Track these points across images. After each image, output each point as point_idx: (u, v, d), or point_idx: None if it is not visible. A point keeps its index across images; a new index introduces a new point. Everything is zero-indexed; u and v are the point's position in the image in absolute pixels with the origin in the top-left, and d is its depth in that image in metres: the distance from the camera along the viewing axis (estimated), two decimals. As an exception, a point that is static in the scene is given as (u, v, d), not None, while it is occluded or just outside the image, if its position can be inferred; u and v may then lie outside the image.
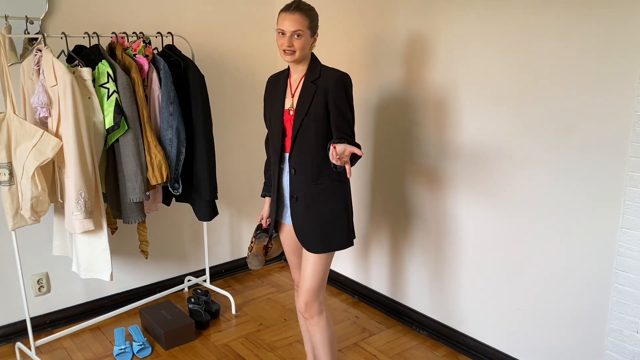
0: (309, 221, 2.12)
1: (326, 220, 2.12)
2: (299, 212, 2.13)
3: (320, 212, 2.12)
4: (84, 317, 3.03)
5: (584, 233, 2.19)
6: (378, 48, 2.92)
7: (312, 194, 2.11)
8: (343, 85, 2.08)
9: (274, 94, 2.18)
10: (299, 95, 2.09)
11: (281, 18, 2.02)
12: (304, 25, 2.00)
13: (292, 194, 2.13)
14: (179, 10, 3.14)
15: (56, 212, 2.71)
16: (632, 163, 2.01)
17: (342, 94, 2.07)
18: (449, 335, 2.81)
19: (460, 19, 2.49)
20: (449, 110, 2.60)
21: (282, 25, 2.01)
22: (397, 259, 3.02)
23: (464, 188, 2.61)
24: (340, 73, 2.10)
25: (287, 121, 2.11)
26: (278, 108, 2.15)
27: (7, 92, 2.35)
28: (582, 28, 2.07)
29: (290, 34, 1.99)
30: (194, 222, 3.27)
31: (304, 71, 2.11)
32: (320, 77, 2.07)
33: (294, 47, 2.01)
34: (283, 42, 2.02)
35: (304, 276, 2.17)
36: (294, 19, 1.99)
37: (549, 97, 2.22)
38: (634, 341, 2.10)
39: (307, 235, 2.13)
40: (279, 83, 2.19)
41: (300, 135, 2.07)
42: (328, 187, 2.12)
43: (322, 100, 2.05)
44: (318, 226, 2.12)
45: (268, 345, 2.84)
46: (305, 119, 2.05)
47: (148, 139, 2.61)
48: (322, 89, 2.05)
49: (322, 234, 2.12)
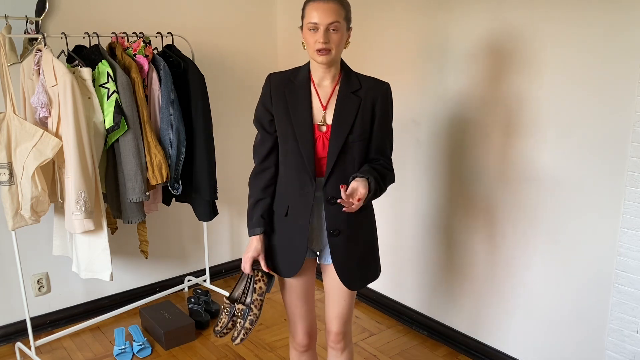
0: (348, 256, 1.81)
1: (363, 252, 1.86)
2: (340, 247, 1.79)
3: (357, 244, 1.83)
4: (84, 317, 3.03)
5: (584, 233, 2.19)
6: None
7: (353, 225, 1.79)
8: (390, 99, 1.79)
9: (292, 101, 1.76)
10: (335, 108, 1.73)
11: (312, 8, 1.65)
12: (341, 16, 1.65)
13: (331, 228, 1.76)
14: (179, 10, 3.14)
15: (56, 212, 2.70)
16: (632, 163, 2.00)
17: (389, 109, 1.79)
18: (449, 335, 2.81)
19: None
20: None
21: (315, 18, 1.63)
22: (396, 259, 3.02)
23: (458, 183, 2.61)
24: (385, 83, 1.79)
25: (318, 138, 1.73)
26: (303, 121, 1.74)
27: (7, 92, 2.35)
28: (583, 28, 2.07)
29: (326, 27, 1.63)
30: (194, 222, 3.27)
31: (336, 77, 1.76)
32: (362, 88, 1.74)
33: (330, 45, 1.65)
34: (317, 38, 1.64)
35: (339, 309, 1.89)
36: (329, 8, 1.63)
37: (549, 97, 2.22)
38: (634, 341, 2.10)
39: (349, 271, 1.83)
40: (296, 87, 1.77)
41: (341, 158, 1.72)
42: (366, 214, 1.84)
43: (369, 117, 1.74)
44: (359, 260, 1.85)
45: (268, 345, 2.84)
46: (349, 138, 1.71)
47: (148, 139, 2.61)
48: (369, 103, 1.73)
49: (360, 268, 1.86)
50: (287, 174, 1.80)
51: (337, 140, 1.71)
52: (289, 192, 1.80)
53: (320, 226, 1.81)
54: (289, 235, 1.82)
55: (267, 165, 1.84)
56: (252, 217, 1.83)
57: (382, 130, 1.78)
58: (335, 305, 1.90)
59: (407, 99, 2.77)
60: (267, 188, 1.84)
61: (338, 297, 1.88)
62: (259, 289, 1.80)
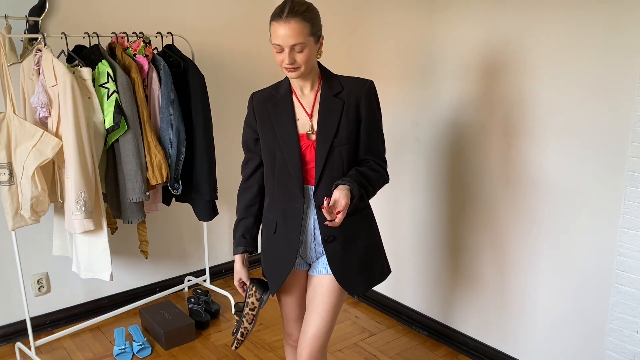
0: (347, 262, 1.77)
1: (363, 256, 1.81)
2: (337, 253, 1.75)
3: (356, 249, 1.79)
4: (84, 317, 3.03)
5: (584, 233, 2.19)
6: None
7: (349, 229, 1.74)
8: (375, 97, 1.76)
9: (276, 116, 1.74)
10: (319, 114, 1.71)
11: (274, 29, 1.60)
12: (305, 35, 1.59)
13: (325, 235, 1.73)
14: (179, 10, 3.14)
15: (56, 212, 2.70)
16: (632, 163, 2.00)
17: (375, 107, 1.75)
18: (449, 335, 2.81)
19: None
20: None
21: (278, 39, 1.59)
22: (396, 259, 3.02)
23: (457, 184, 2.61)
24: (367, 81, 1.75)
25: (306, 148, 1.71)
26: (288, 134, 1.71)
27: (7, 92, 2.35)
28: (583, 28, 2.07)
29: (290, 48, 1.59)
30: (194, 222, 3.27)
31: (316, 84, 1.74)
32: (344, 90, 1.72)
33: (298, 63, 1.62)
34: (283, 58, 1.62)
35: (315, 328, 1.79)
36: (291, 29, 1.57)
37: (549, 98, 2.22)
38: (634, 341, 2.09)
39: (350, 276, 1.79)
40: (279, 102, 1.75)
41: (329, 163, 1.69)
42: (363, 217, 1.81)
43: (353, 118, 1.71)
44: (358, 263, 1.80)
45: (268, 345, 2.84)
46: (334, 141, 1.69)
47: (148, 139, 2.61)
48: (352, 104, 1.70)
49: (361, 272, 1.81)
50: (276, 191, 1.78)
51: (323, 145, 1.69)
52: (277, 208, 1.79)
53: (313, 237, 1.79)
54: (277, 251, 1.82)
55: (250, 183, 1.88)
56: (235, 236, 1.88)
57: (370, 128, 1.75)
58: (312, 324, 1.80)
59: (407, 101, 2.78)
60: (249, 207, 1.87)
61: (316, 313, 1.80)
62: (251, 304, 1.86)
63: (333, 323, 1.83)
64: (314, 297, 1.82)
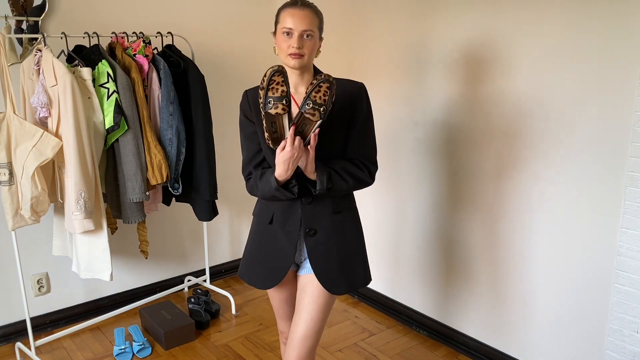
0: (331, 258, 1.77)
1: (345, 255, 1.80)
2: (318, 249, 1.76)
3: (341, 246, 1.79)
4: (84, 317, 3.03)
5: (584, 233, 2.19)
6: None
7: (332, 225, 1.77)
8: (367, 99, 1.78)
9: None
10: None
11: (287, 15, 1.67)
12: (315, 25, 1.68)
13: (308, 227, 1.75)
14: (178, 10, 3.14)
15: (56, 212, 2.71)
16: (632, 163, 2.00)
17: (366, 110, 1.78)
18: (448, 335, 2.81)
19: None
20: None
21: (289, 23, 1.65)
22: (396, 259, 3.02)
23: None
24: (358, 83, 1.79)
25: None
26: None
27: (7, 92, 2.35)
28: (583, 28, 2.07)
29: (300, 33, 1.64)
30: (194, 222, 3.27)
31: (309, 82, 1.75)
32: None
33: (304, 50, 1.66)
34: (291, 43, 1.65)
35: (304, 329, 1.77)
36: (304, 15, 1.65)
37: (549, 97, 2.22)
38: (634, 341, 2.10)
39: (331, 273, 1.78)
40: None
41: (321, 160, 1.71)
42: (348, 216, 1.82)
43: (345, 120, 1.74)
44: (341, 262, 1.79)
45: (268, 345, 2.84)
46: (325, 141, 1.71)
47: (148, 138, 2.61)
48: (344, 105, 1.73)
49: (342, 271, 1.79)
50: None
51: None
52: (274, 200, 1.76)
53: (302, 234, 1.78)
54: (273, 243, 1.79)
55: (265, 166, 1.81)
56: (269, 177, 1.71)
57: (361, 131, 1.76)
58: (301, 324, 1.78)
59: (407, 101, 2.78)
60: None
61: (306, 312, 1.78)
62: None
63: (323, 323, 1.81)
64: (303, 296, 1.81)
